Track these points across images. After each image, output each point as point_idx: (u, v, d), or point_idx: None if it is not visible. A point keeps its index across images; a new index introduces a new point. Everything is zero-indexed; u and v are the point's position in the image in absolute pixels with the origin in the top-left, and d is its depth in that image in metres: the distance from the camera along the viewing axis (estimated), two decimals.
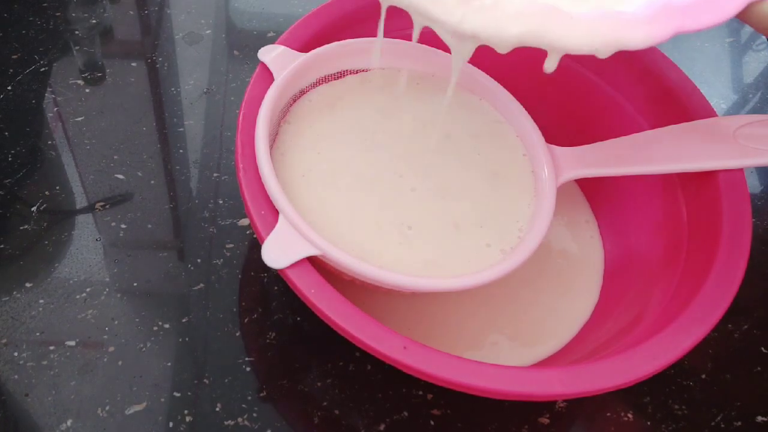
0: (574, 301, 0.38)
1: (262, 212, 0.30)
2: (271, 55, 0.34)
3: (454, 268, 0.32)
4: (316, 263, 0.30)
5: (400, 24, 0.39)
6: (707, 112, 0.35)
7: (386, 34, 0.39)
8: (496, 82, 0.37)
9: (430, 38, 0.37)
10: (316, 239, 0.29)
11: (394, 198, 0.34)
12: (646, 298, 0.34)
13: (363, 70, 0.37)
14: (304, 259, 0.29)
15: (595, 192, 0.43)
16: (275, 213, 0.30)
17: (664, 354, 0.28)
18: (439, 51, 0.37)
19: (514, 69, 0.38)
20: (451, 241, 0.33)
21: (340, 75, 0.37)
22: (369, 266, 0.29)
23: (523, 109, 0.36)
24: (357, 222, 0.32)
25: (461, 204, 0.34)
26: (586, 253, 0.40)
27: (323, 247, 0.29)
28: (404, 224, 0.33)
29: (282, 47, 0.35)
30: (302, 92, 0.36)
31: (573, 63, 0.40)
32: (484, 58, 0.38)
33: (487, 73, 0.37)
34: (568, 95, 0.41)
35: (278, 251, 0.28)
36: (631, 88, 0.38)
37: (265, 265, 0.28)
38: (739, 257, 0.30)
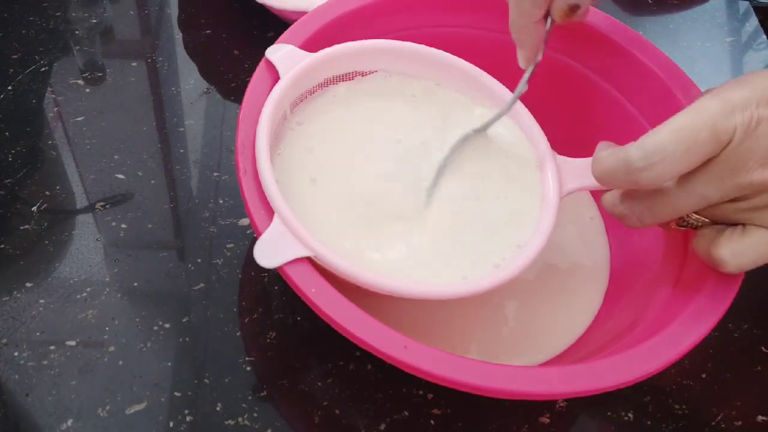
0: (581, 301, 0.38)
1: (262, 212, 0.30)
2: (278, 53, 0.34)
3: (451, 276, 0.31)
4: (318, 264, 0.30)
5: (399, 24, 0.39)
6: None
7: (386, 35, 0.39)
8: (502, 86, 0.36)
9: (436, 42, 0.37)
10: (309, 240, 0.28)
11: (396, 203, 0.33)
12: (647, 297, 0.34)
13: (369, 72, 0.37)
14: (304, 258, 0.28)
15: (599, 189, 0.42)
16: (273, 213, 0.30)
17: (664, 354, 0.28)
18: (448, 56, 0.36)
19: (518, 76, 0.37)
20: (448, 249, 0.32)
21: (347, 77, 0.37)
22: (359, 269, 0.29)
23: (532, 118, 0.36)
24: (356, 225, 0.32)
25: (461, 212, 0.34)
26: (593, 252, 0.40)
27: (315, 249, 0.28)
28: (405, 230, 0.33)
29: (290, 46, 0.34)
30: (307, 93, 0.36)
31: (575, 64, 0.40)
32: (490, 64, 0.38)
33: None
34: (570, 98, 0.41)
35: (270, 250, 0.28)
36: (633, 90, 0.38)
37: None
38: None
